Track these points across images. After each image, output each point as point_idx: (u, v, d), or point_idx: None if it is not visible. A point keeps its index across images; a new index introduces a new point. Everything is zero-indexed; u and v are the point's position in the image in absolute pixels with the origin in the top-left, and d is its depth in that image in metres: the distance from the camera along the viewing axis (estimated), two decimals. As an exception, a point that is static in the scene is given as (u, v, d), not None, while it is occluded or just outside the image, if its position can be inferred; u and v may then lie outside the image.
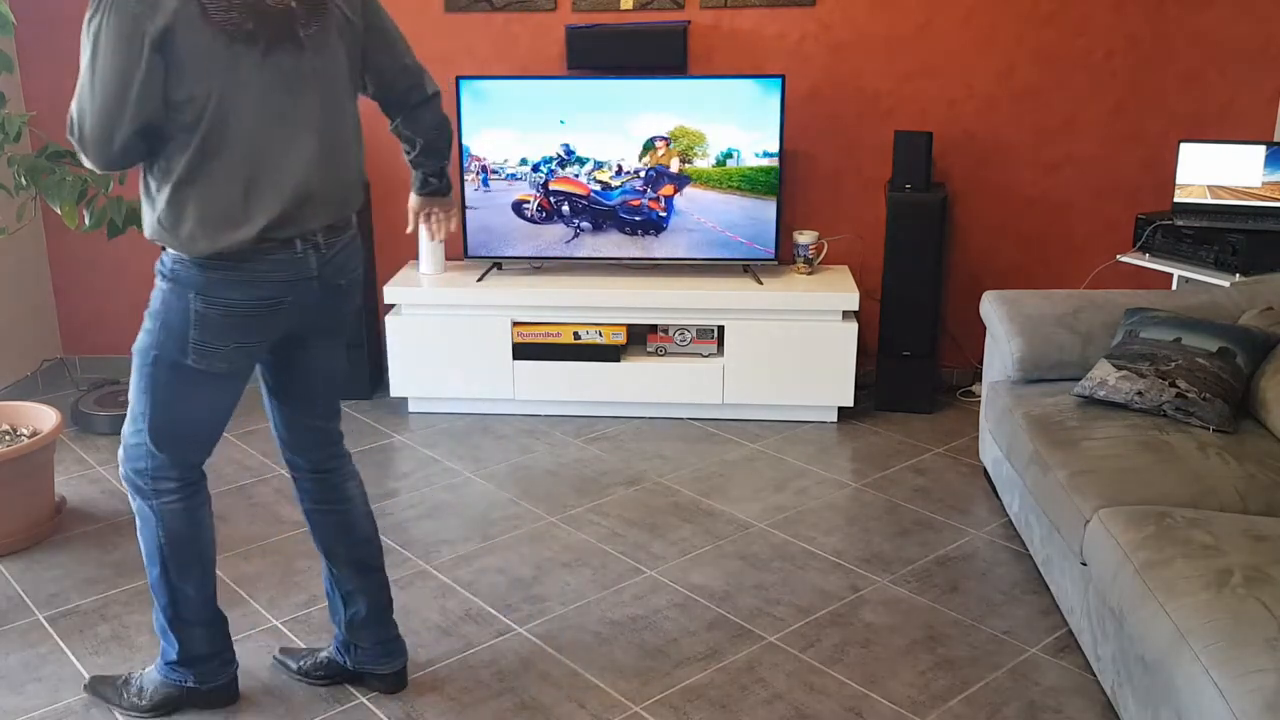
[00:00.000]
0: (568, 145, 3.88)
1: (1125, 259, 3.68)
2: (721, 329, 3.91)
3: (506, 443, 3.79)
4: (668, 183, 3.89)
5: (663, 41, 3.90)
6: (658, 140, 3.84)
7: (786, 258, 4.09)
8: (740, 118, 3.80)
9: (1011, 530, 3.13)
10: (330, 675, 2.44)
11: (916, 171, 3.81)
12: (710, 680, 2.46)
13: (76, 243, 4.30)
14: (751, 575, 2.91)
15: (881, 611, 2.73)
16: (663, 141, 3.84)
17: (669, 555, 3.01)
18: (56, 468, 3.33)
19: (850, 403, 3.87)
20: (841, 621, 2.69)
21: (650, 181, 3.89)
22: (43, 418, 3.20)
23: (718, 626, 2.67)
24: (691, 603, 2.78)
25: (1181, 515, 2.21)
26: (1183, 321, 2.87)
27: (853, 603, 2.77)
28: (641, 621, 2.70)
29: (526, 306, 3.87)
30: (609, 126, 3.85)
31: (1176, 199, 3.68)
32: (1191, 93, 3.90)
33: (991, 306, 3.20)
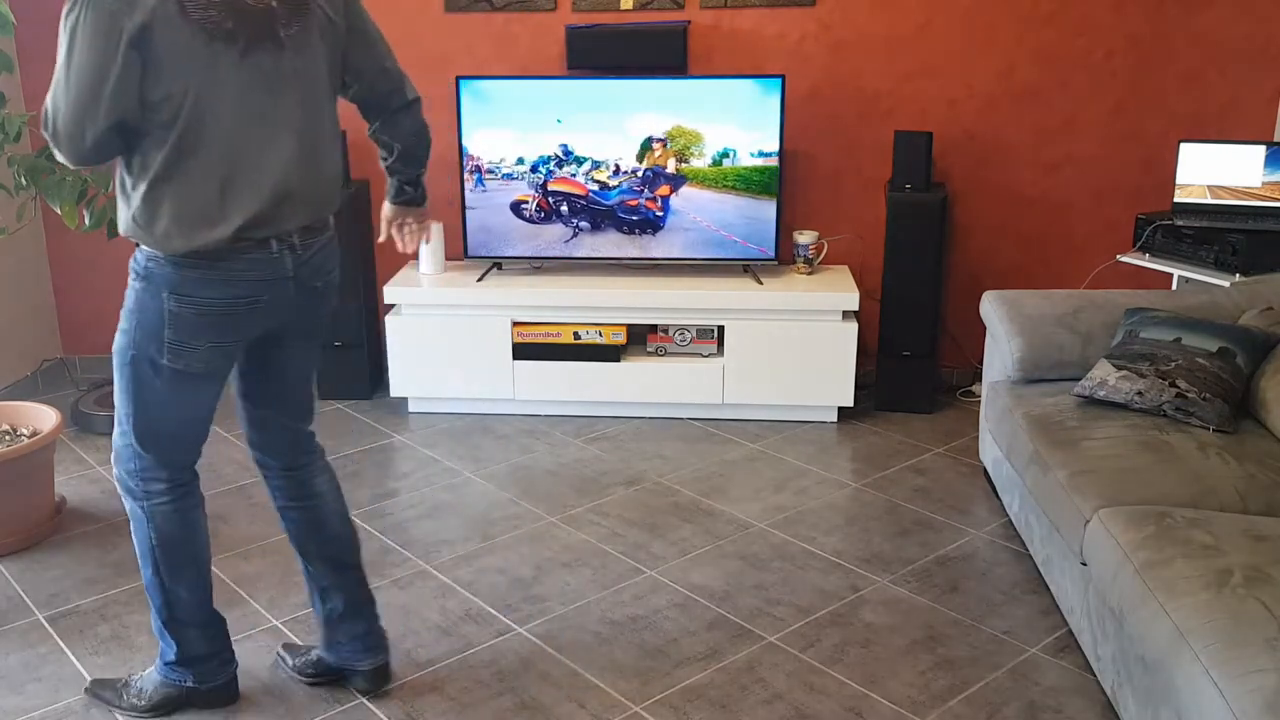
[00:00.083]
0: (566, 146, 3.88)
1: (1125, 259, 3.68)
2: (721, 329, 3.91)
3: (506, 443, 3.79)
4: (664, 183, 3.89)
5: (663, 41, 3.90)
6: (654, 142, 3.84)
7: (786, 258, 4.09)
8: (740, 118, 3.80)
9: (1011, 530, 3.13)
10: (320, 673, 2.44)
11: (916, 171, 3.81)
12: (710, 680, 2.46)
13: (76, 243, 4.30)
14: (751, 575, 2.91)
15: (881, 611, 2.73)
16: (659, 143, 3.84)
17: (669, 555, 3.01)
18: (56, 468, 3.33)
19: (850, 403, 3.87)
20: (841, 621, 2.69)
21: (647, 182, 3.89)
22: (43, 418, 3.20)
23: (718, 626, 2.67)
24: (691, 603, 2.78)
25: (1181, 515, 2.21)
26: (1183, 321, 2.87)
27: (853, 603, 2.77)
28: (641, 621, 2.70)
29: (526, 306, 3.87)
30: (608, 126, 3.85)
31: (1176, 199, 3.68)
32: (1191, 93, 3.90)
33: (991, 306, 3.20)
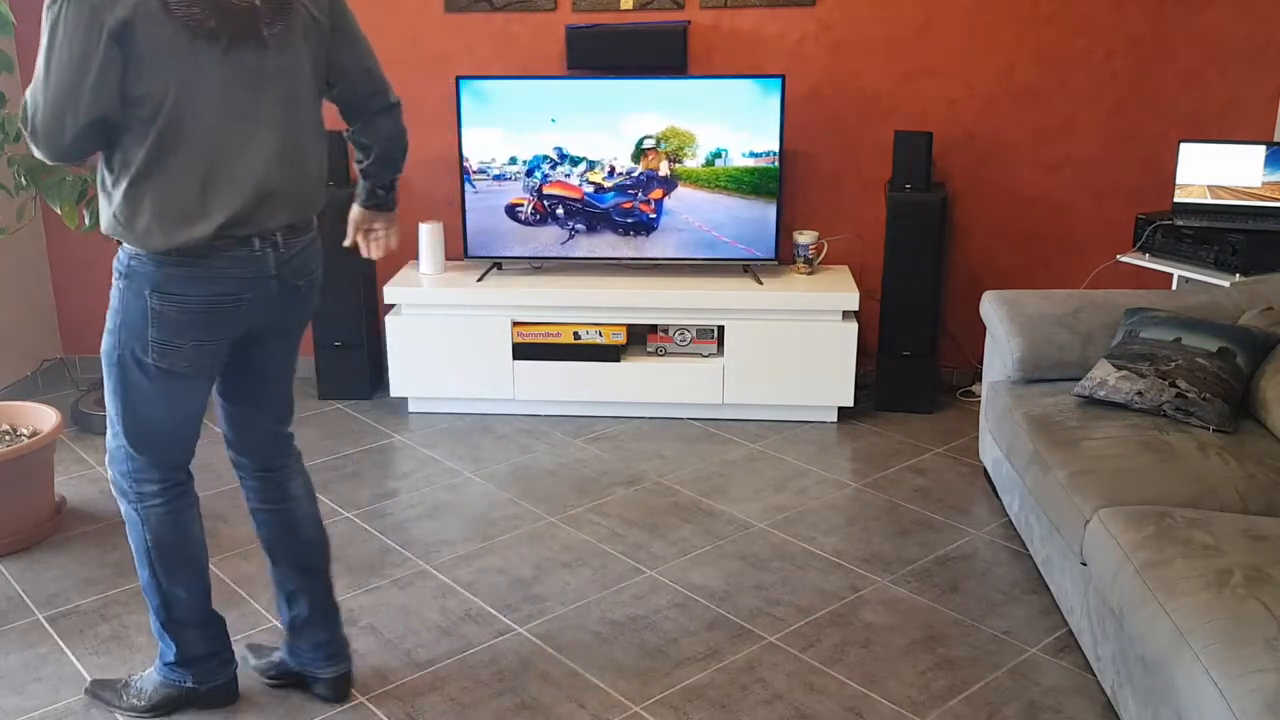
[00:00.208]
0: (560, 148, 3.88)
1: (1125, 259, 3.68)
2: (721, 329, 3.91)
3: (506, 443, 3.78)
4: (657, 187, 3.89)
5: (663, 41, 3.90)
6: (646, 143, 3.83)
7: (786, 258, 4.09)
8: (740, 118, 3.80)
9: (1011, 530, 3.13)
10: (281, 676, 2.43)
11: (916, 171, 3.81)
12: (710, 680, 2.46)
13: (76, 243, 4.30)
14: (751, 575, 2.91)
15: (881, 611, 2.73)
16: (652, 150, 3.83)
17: (669, 555, 3.01)
18: (56, 468, 3.33)
19: (850, 403, 3.87)
20: (841, 621, 2.69)
21: (641, 185, 3.89)
22: (43, 418, 3.20)
23: (718, 626, 2.67)
24: (691, 603, 2.78)
25: (1181, 515, 2.21)
26: (1183, 321, 2.87)
27: (853, 603, 2.77)
28: (641, 621, 2.70)
29: (526, 306, 3.87)
30: (606, 126, 3.85)
31: (1176, 199, 3.68)
32: (1191, 93, 3.90)
33: (991, 306, 3.20)
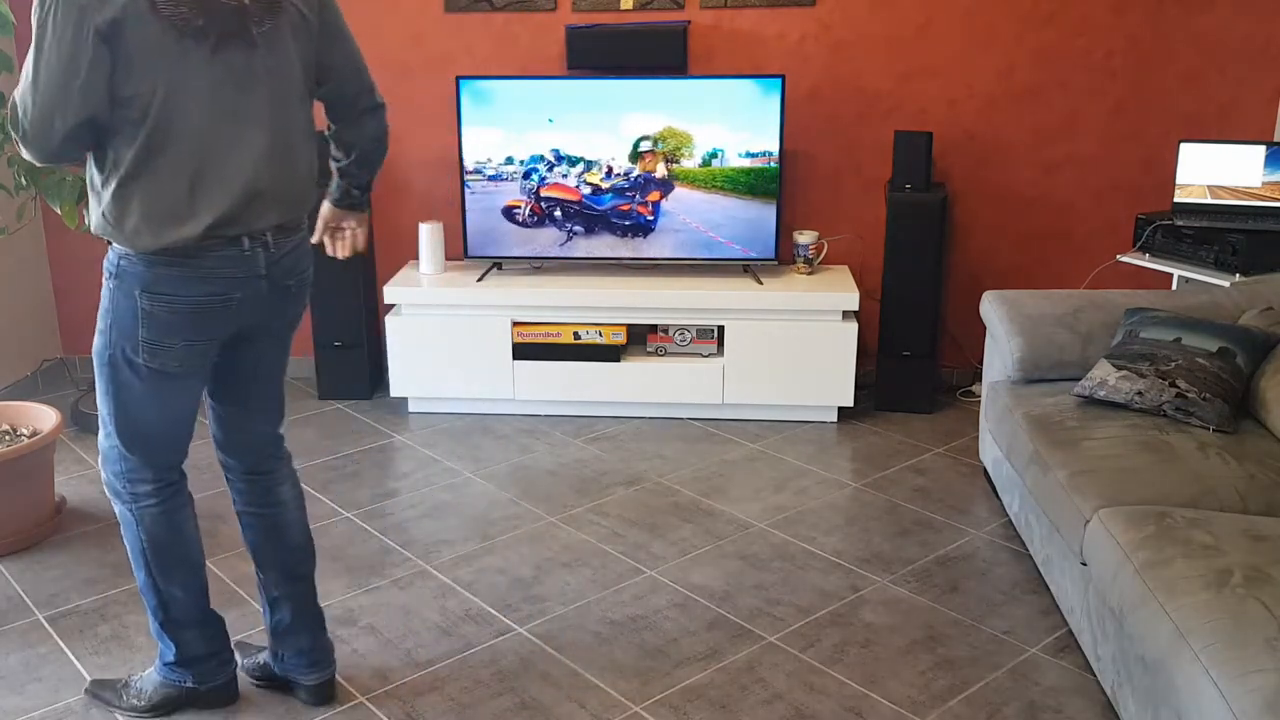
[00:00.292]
0: (557, 149, 3.88)
1: (1125, 259, 3.68)
2: (721, 329, 3.91)
3: (506, 443, 3.78)
4: (654, 189, 3.89)
5: (663, 41, 3.90)
6: (643, 145, 3.83)
7: (786, 258, 4.09)
8: (740, 118, 3.80)
9: (1011, 530, 3.13)
10: (265, 678, 2.43)
11: (916, 171, 3.81)
12: (710, 680, 2.46)
13: (76, 243, 4.30)
14: (751, 575, 2.91)
15: (881, 611, 2.73)
16: (648, 152, 3.83)
17: (669, 555, 3.01)
18: (56, 468, 3.33)
19: (850, 403, 3.87)
20: (841, 621, 2.69)
21: (638, 187, 3.89)
22: (43, 418, 3.20)
23: (718, 626, 2.67)
24: (691, 603, 2.78)
25: (1181, 515, 2.20)
26: (1183, 321, 2.87)
27: (853, 603, 2.77)
28: (641, 621, 2.70)
29: (526, 306, 3.87)
30: (608, 127, 3.85)
31: (1176, 199, 3.68)
32: (1191, 93, 3.90)
33: (991, 306, 3.20)
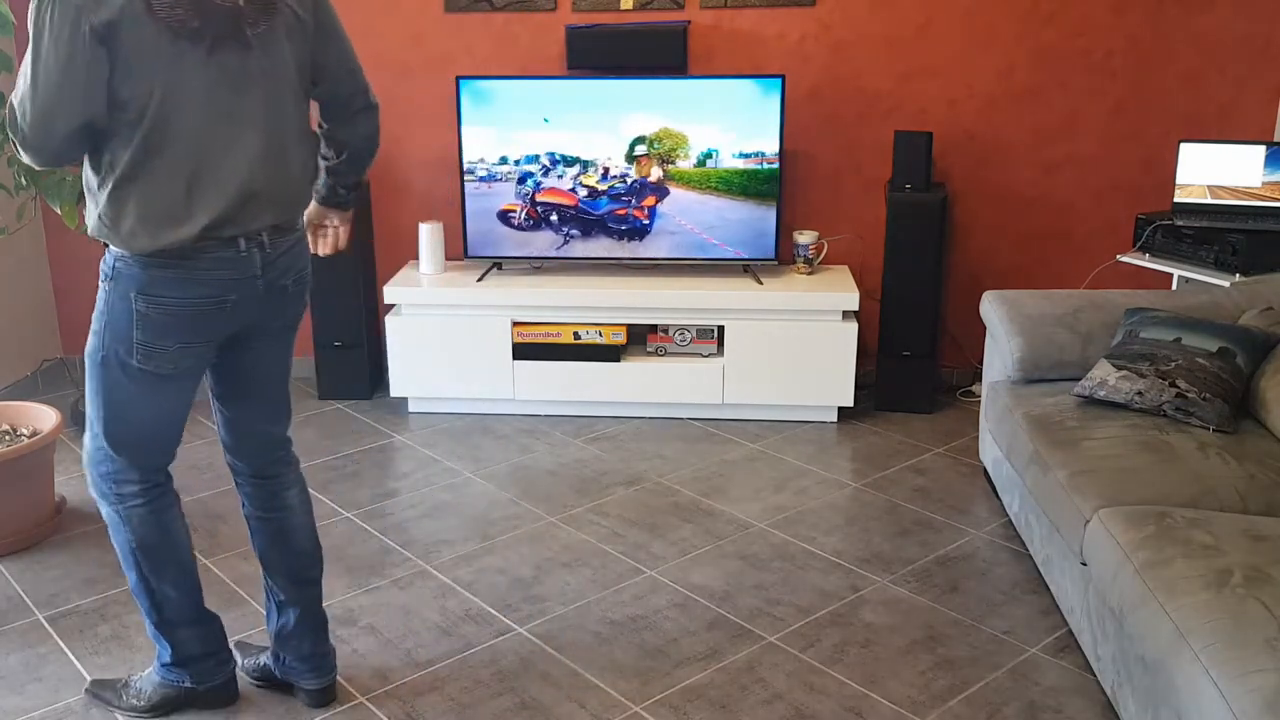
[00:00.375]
0: (553, 154, 3.87)
1: (1125, 259, 3.68)
2: (721, 329, 3.91)
3: (506, 443, 3.78)
4: (650, 194, 3.89)
5: (663, 41, 3.90)
6: (638, 149, 3.83)
7: (786, 258, 4.09)
8: (740, 118, 3.80)
9: (1011, 530, 3.13)
10: (265, 679, 2.43)
11: (916, 171, 3.81)
12: (710, 680, 2.46)
13: (76, 243, 4.30)
14: (751, 575, 2.91)
15: (881, 611, 2.73)
16: (643, 156, 3.83)
17: (669, 555, 3.01)
18: (56, 468, 3.33)
19: (850, 403, 3.87)
20: (841, 621, 2.69)
21: (634, 192, 3.89)
22: (43, 418, 3.20)
23: (718, 626, 2.67)
24: (691, 603, 2.78)
25: (1181, 515, 2.20)
26: (1183, 321, 2.87)
27: (853, 603, 2.77)
28: (641, 621, 2.70)
29: (526, 306, 3.87)
30: (608, 127, 3.85)
31: (1176, 199, 3.68)
32: (1191, 93, 3.90)
33: (991, 306, 3.20)
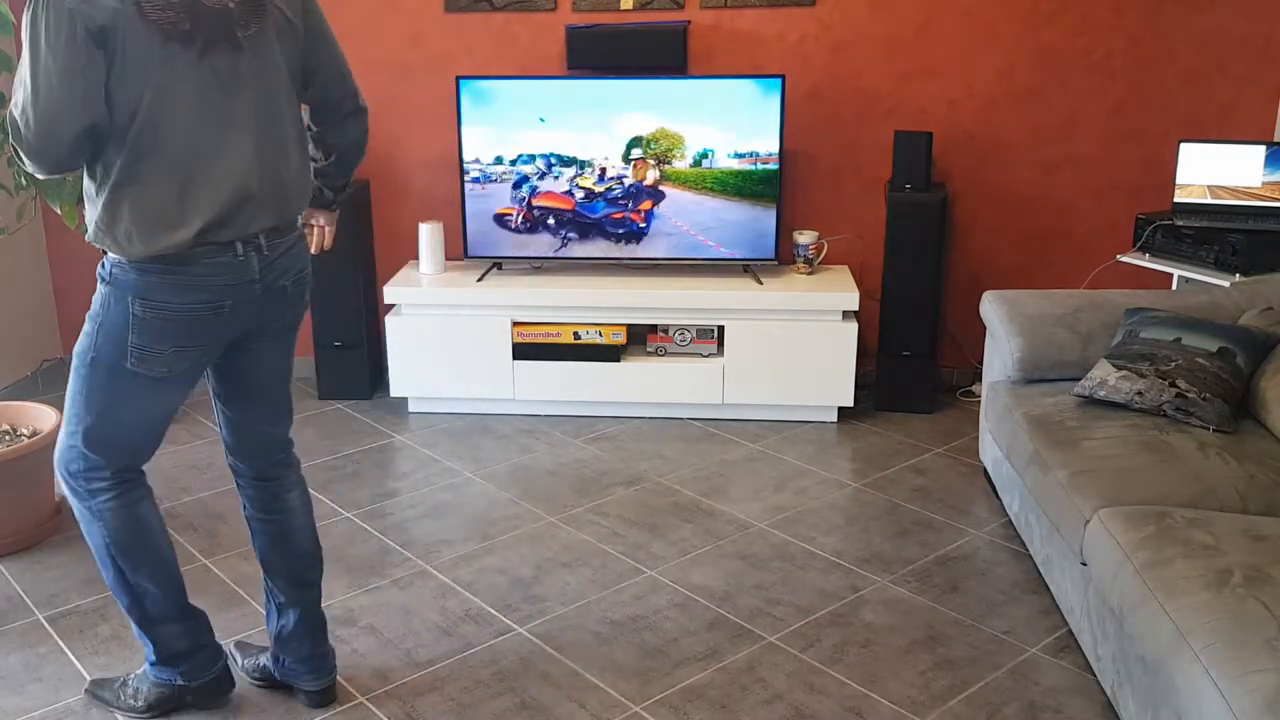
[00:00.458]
0: (549, 156, 3.87)
1: (1125, 259, 3.68)
2: (721, 329, 3.91)
3: (506, 443, 3.78)
4: (646, 198, 3.89)
5: (663, 41, 3.90)
6: (634, 153, 3.82)
7: (786, 258, 4.09)
8: (740, 118, 3.80)
9: (1011, 530, 3.13)
10: (264, 680, 2.43)
11: (916, 171, 3.81)
12: (710, 680, 2.46)
13: (76, 243, 4.30)
14: (751, 575, 2.91)
15: (881, 611, 2.73)
16: (639, 160, 3.83)
17: (669, 555, 3.01)
18: (56, 468, 3.33)
19: (850, 403, 3.87)
20: (841, 621, 2.69)
21: (631, 196, 3.89)
22: (43, 418, 3.20)
23: (718, 626, 2.67)
24: (691, 603, 2.78)
25: (1181, 515, 2.20)
26: (1183, 321, 2.87)
27: (853, 603, 2.77)
28: (641, 621, 2.70)
29: (526, 306, 3.87)
30: (608, 127, 3.85)
31: (1176, 199, 3.68)
32: (1191, 93, 3.90)
33: (991, 306, 3.20)
